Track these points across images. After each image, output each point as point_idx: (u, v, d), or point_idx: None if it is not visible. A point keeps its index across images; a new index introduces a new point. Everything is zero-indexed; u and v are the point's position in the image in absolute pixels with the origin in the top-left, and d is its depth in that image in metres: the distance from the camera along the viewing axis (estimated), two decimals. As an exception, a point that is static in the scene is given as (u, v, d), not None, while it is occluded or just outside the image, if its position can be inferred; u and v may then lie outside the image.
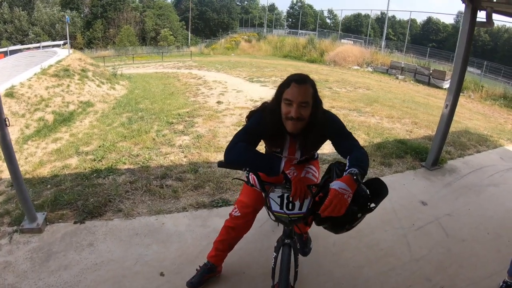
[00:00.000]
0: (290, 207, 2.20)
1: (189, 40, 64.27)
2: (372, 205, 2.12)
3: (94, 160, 6.10)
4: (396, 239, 3.77)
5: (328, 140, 2.43)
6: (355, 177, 2.00)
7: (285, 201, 2.21)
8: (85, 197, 4.66)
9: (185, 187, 4.78)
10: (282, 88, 2.24)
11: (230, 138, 6.11)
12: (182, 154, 6.18)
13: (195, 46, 54.84)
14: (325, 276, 3.19)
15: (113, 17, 63.07)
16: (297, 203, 2.20)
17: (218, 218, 3.93)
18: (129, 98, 12.94)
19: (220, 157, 5.80)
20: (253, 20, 64.76)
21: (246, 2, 76.08)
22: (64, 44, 41.34)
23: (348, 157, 2.18)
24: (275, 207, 2.22)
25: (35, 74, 12.47)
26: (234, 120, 8.24)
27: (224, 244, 2.93)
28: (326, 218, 2.13)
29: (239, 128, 6.85)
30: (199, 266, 3.04)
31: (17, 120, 9.22)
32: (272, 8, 74.69)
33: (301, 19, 60.98)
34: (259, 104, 2.60)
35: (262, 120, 2.35)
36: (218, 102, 10.49)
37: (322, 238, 3.51)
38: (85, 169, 5.71)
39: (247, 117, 2.55)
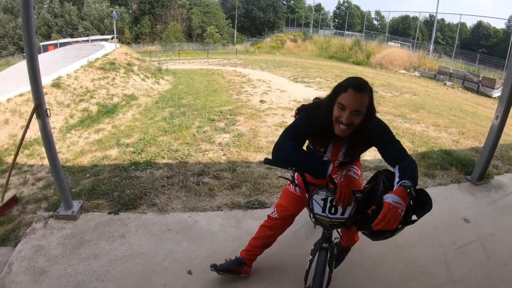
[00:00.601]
0: (332, 211, 2.20)
1: (235, 38, 64.49)
2: (414, 217, 2.05)
3: (134, 152, 6.19)
4: (435, 257, 3.54)
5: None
6: (408, 190, 1.94)
7: (328, 204, 2.19)
8: (121, 188, 4.73)
9: (222, 186, 4.74)
10: (338, 90, 2.14)
11: (271, 138, 6.14)
12: (222, 152, 6.17)
13: (241, 44, 55.00)
14: (356, 289, 3.06)
15: (160, 13, 64.34)
16: (340, 208, 2.18)
17: (252, 220, 3.85)
18: (172, 93, 13.06)
19: (260, 157, 5.78)
20: (299, 19, 64.10)
21: (292, 1, 75.51)
22: (112, 38, 42.61)
23: (398, 166, 2.11)
24: (318, 209, 2.22)
25: (81, 66, 12.78)
26: (277, 120, 8.14)
27: (259, 242, 2.90)
28: (366, 225, 2.09)
29: (281, 129, 6.91)
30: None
31: (62, 110, 9.48)
32: (318, 8, 73.80)
33: (347, 20, 59.54)
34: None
35: (312, 118, 2.30)
36: (261, 101, 10.42)
37: (359, 251, 3.31)
38: (124, 161, 5.82)
39: (298, 109, 2.47)
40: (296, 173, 2.39)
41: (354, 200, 2.18)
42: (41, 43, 58.00)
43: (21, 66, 32.32)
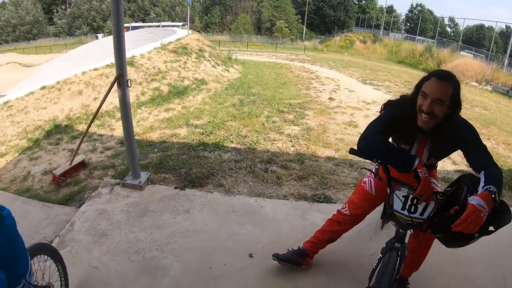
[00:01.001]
0: (412, 210, 2.15)
1: (304, 34, 64.00)
2: (491, 228, 1.96)
3: (203, 134, 6.31)
4: (494, 279, 3.24)
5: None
6: (493, 196, 1.88)
7: (409, 202, 2.15)
8: (189, 166, 4.82)
9: (289, 176, 4.70)
10: (422, 81, 2.13)
11: (339, 136, 6.00)
12: (290, 143, 6.14)
13: (309, 41, 54.46)
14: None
15: (231, 4, 65.42)
16: (420, 208, 2.14)
17: (317, 214, 3.76)
18: (242, 82, 13.15)
19: (328, 153, 5.70)
20: (370, 20, 62.46)
21: (364, 1, 73.78)
22: (183, 25, 43.93)
23: (483, 172, 2.01)
24: (397, 206, 2.18)
25: (155, 48, 13.16)
26: (346, 118, 7.99)
27: (324, 235, 2.85)
28: (444, 229, 2.05)
29: (350, 128, 6.78)
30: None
31: (134, 87, 9.78)
32: (390, 9, 71.00)
33: (420, 24, 57.24)
34: (372, 106, 2.43)
35: (397, 113, 2.25)
36: (330, 99, 10.28)
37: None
38: (193, 141, 5.95)
39: (384, 105, 2.45)
40: (379, 166, 2.39)
41: (435, 201, 2.14)
42: (114, 26, 61.93)
43: (93, 45, 34.12)
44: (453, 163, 5.50)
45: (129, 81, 3.94)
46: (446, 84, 2.05)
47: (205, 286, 2.81)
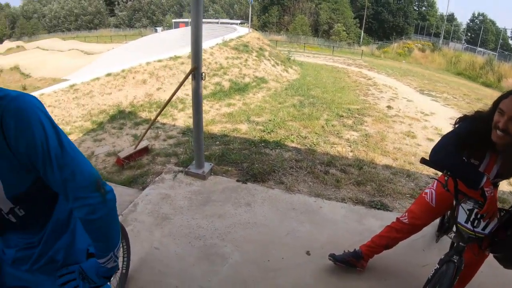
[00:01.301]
0: (475, 224, 2.20)
1: (361, 39, 62.94)
2: None
3: (264, 131, 6.47)
4: None
5: None
6: None
7: (473, 216, 2.21)
8: (251, 161, 4.98)
9: (347, 180, 4.75)
10: (500, 98, 2.15)
11: (397, 145, 6.06)
12: (349, 148, 6.18)
13: (366, 46, 53.63)
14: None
15: (289, 5, 65.22)
16: (483, 223, 2.19)
17: (374, 220, 3.80)
18: (301, 83, 13.24)
19: (386, 161, 5.70)
20: (429, 28, 60.47)
21: (424, 8, 70.98)
22: (241, 23, 44.47)
23: None
24: (462, 218, 2.25)
25: (217, 44, 13.59)
26: (404, 128, 7.91)
27: (382, 241, 2.90)
28: (505, 249, 2.20)
29: (408, 138, 6.80)
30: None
31: (196, 80, 10.15)
32: (451, 18, 68.45)
33: (481, 35, 54.90)
34: (430, 118, 2.46)
35: (473, 128, 2.29)
36: (388, 107, 10.20)
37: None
38: (254, 137, 6.10)
39: (458, 119, 2.48)
40: (448, 178, 2.43)
41: (498, 218, 2.19)
42: (173, 20, 63.34)
43: (153, 38, 35.21)
44: (509, 184, 5.37)
45: (203, 74, 4.14)
46: None
47: (263, 277, 2.91)
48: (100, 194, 1.36)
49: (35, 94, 9.90)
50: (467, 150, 2.39)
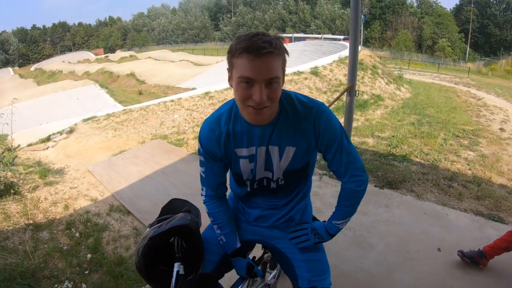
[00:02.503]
0: None
1: (467, 54, 59.91)
2: None
3: (389, 145, 7.23)
4: None
5: None
6: None
7: None
8: (383, 171, 5.78)
9: (468, 194, 5.34)
10: None
11: (511, 167, 6.41)
12: (467, 166, 6.68)
13: (472, 63, 50.71)
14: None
15: (391, 20, 63.94)
16: None
17: (492, 230, 4.29)
18: (415, 102, 13.75)
19: (501, 181, 6.13)
20: None
21: None
22: (345, 38, 44.41)
23: None
24: None
25: (334, 61, 14.47)
26: (516, 151, 8.19)
27: (503, 243, 3.40)
28: None
29: None
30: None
31: (320, 95, 11.11)
32: None
33: None
34: None
35: None
36: (501, 129, 10.38)
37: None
38: (382, 150, 6.91)
39: None
40: None
41: None
42: (277, 35, 65.26)
43: None
44: None
45: (357, 91, 5.09)
46: None
47: (404, 264, 3.64)
48: (367, 175, 1.90)
49: (173, 97, 11.52)
50: None
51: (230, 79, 1.65)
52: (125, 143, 8.54)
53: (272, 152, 1.78)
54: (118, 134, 9.29)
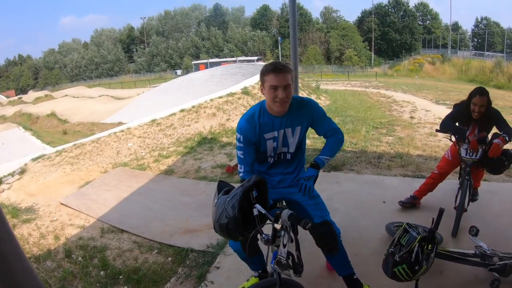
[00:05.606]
0: (470, 155, 4.15)
1: (372, 60, 64.53)
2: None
3: (323, 142, 8.34)
4: None
5: None
6: (506, 138, 3.88)
7: (468, 151, 4.17)
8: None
9: (395, 165, 6.77)
10: (471, 96, 4.09)
11: (424, 142, 9.24)
12: (389, 147, 8.23)
13: (378, 67, 55.24)
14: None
15: (300, 37, 65.96)
16: (474, 154, 4.12)
17: (418, 184, 5.08)
18: (335, 107, 15.45)
19: (418, 152, 7.72)
20: (436, 40, 60.93)
21: (428, 22, 71.92)
22: (258, 59, 45.71)
23: (504, 130, 3.99)
24: (463, 153, 4.21)
25: (259, 81, 15.68)
26: (427, 130, 9.96)
27: (426, 187, 4.78)
28: (487, 163, 4.10)
29: (431, 137, 9.76)
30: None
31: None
32: (455, 27, 69.47)
33: (487, 39, 54.86)
34: None
35: (460, 110, 4.32)
36: (411, 117, 12.32)
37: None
38: (319, 147, 7.79)
39: (453, 106, 4.64)
40: (452, 136, 4.37)
41: (481, 150, 4.08)
42: (193, 62, 65.46)
43: (184, 79, 36.52)
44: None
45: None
46: (484, 97, 3.96)
47: (362, 215, 4.74)
48: (342, 133, 2.97)
49: (123, 127, 12.02)
50: (458, 121, 4.40)
51: (262, 89, 2.72)
52: (87, 174, 8.74)
53: (287, 132, 2.79)
54: (77, 168, 9.31)
